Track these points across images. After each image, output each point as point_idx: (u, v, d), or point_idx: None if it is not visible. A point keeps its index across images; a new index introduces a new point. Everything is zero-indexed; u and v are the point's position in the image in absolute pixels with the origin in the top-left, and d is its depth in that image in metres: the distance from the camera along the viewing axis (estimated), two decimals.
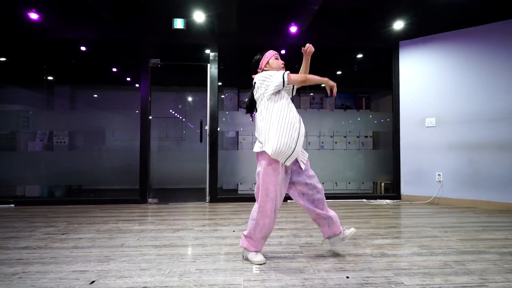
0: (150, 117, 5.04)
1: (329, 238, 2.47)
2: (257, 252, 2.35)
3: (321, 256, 2.47)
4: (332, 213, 2.44)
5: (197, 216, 3.95)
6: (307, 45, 2.48)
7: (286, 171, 2.36)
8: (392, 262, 2.32)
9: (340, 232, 2.43)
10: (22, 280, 2.01)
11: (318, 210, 2.38)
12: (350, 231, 2.44)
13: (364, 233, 3.14)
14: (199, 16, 4.59)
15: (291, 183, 2.40)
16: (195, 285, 1.94)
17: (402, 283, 1.96)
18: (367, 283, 1.96)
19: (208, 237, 3.02)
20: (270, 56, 2.51)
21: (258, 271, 2.15)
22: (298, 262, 2.34)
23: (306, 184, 2.36)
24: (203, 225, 3.47)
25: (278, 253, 2.53)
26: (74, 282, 1.97)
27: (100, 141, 6.90)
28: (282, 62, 2.54)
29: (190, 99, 7.65)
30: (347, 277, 2.05)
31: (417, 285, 1.94)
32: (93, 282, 1.98)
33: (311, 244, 2.77)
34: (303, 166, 2.36)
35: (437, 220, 3.74)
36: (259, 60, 2.53)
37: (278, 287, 1.91)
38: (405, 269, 2.19)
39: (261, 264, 2.27)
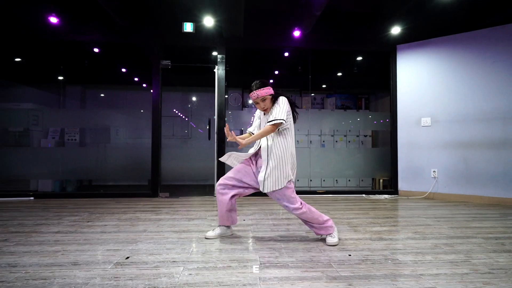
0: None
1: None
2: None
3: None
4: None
5: (208, 208, 4.24)
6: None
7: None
8: (389, 244, 2.61)
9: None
10: (65, 256, 2.30)
11: None
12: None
13: (364, 222, 3.43)
14: (208, 21, 4.89)
15: None
16: (217, 260, 2.23)
17: (397, 259, 2.26)
18: (367, 259, 2.26)
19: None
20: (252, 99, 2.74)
21: (270, 250, 2.44)
22: (305, 243, 2.63)
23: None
24: (216, 215, 3.76)
25: (287, 237, 2.82)
26: (112, 258, 2.26)
27: (110, 138, 7.21)
28: (263, 107, 2.68)
29: (197, 98, 7.94)
30: (349, 255, 2.34)
31: (410, 260, 2.23)
32: (128, 257, 2.27)
33: None
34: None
35: (431, 212, 4.04)
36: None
37: (290, 262, 2.20)
38: (400, 249, 2.49)
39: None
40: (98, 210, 4.06)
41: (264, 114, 2.75)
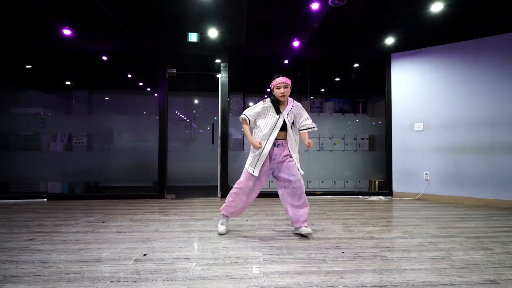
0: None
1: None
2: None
3: (322, 238, 3.04)
4: (291, 213, 3.17)
5: (212, 209, 4.52)
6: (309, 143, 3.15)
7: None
8: (379, 243, 2.89)
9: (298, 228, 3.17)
10: (88, 253, 2.57)
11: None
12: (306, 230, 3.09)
13: (358, 223, 3.71)
14: (213, 33, 5.18)
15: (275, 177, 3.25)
16: (225, 257, 2.50)
17: (385, 256, 2.54)
18: (358, 256, 2.54)
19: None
20: (273, 85, 3.15)
21: (272, 248, 2.72)
22: (303, 242, 2.91)
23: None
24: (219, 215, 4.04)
25: (287, 237, 3.10)
26: (130, 255, 2.54)
27: (115, 141, 7.47)
28: (282, 92, 3.10)
29: (200, 103, 8.23)
30: (343, 252, 2.62)
31: (396, 257, 2.51)
32: (145, 255, 2.55)
33: (314, 231, 3.34)
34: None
35: (422, 212, 4.32)
36: (271, 81, 3.17)
37: (290, 259, 2.47)
38: (389, 247, 2.77)
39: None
40: (110, 211, 4.33)
41: (279, 101, 3.16)
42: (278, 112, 3.12)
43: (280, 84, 3.08)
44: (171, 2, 4.74)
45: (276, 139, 3.12)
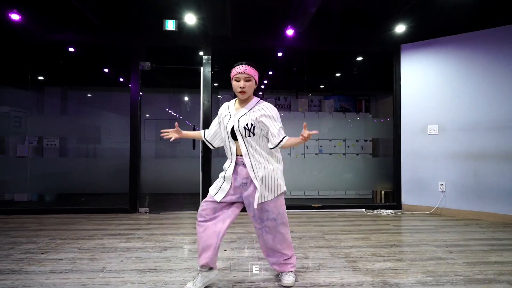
0: (146, 117, 4.85)
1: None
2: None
3: (318, 285, 2.28)
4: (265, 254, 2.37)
5: (188, 230, 3.75)
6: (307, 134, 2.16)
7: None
8: None
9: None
10: None
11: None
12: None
13: (364, 254, 2.95)
14: (190, 19, 4.38)
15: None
16: None
17: None
18: None
19: (197, 258, 2.81)
20: (232, 75, 2.18)
21: None
22: None
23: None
24: (193, 242, 3.28)
25: (271, 281, 2.33)
26: None
27: (91, 144, 6.70)
28: (242, 87, 2.11)
29: (185, 100, 7.45)
30: None
31: None
32: None
33: (307, 269, 2.57)
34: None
35: (441, 236, 3.55)
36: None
37: None
38: None
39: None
40: (63, 233, 3.57)
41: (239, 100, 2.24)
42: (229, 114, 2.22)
43: (240, 75, 2.10)
44: None
45: (236, 155, 2.20)
